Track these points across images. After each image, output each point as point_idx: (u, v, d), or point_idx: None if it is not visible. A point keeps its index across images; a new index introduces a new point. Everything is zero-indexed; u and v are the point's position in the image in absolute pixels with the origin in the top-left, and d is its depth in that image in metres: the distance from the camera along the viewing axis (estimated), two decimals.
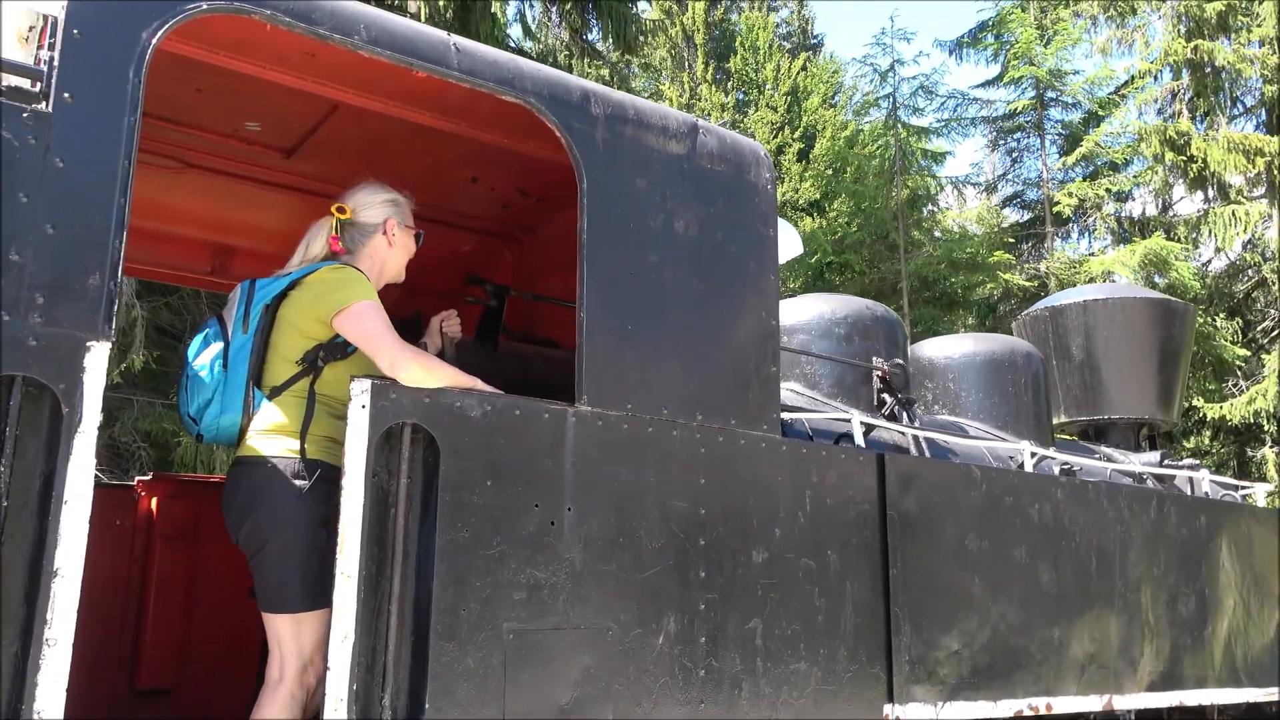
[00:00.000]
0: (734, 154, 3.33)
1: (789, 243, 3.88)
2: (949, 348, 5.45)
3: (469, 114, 3.60)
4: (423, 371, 2.70)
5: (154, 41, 2.49)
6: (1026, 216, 21.40)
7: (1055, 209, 18.80)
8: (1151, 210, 18.79)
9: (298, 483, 2.69)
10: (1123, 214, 19.09)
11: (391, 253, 3.13)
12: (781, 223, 3.42)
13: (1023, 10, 19.37)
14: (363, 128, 3.78)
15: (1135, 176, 18.38)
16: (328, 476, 2.71)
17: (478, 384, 2.76)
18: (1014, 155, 21.02)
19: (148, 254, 4.62)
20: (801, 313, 4.72)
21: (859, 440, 3.69)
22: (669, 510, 2.93)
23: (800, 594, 3.13)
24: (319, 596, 2.65)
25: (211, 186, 4.18)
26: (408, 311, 4.25)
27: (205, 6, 2.57)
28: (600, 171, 3.01)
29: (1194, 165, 16.58)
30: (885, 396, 4.60)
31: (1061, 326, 6.21)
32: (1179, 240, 17.03)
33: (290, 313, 2.88)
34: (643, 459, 2.91)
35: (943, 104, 20.76)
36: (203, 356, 2.89)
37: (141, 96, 2.41)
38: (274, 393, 2.83)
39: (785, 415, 3.53)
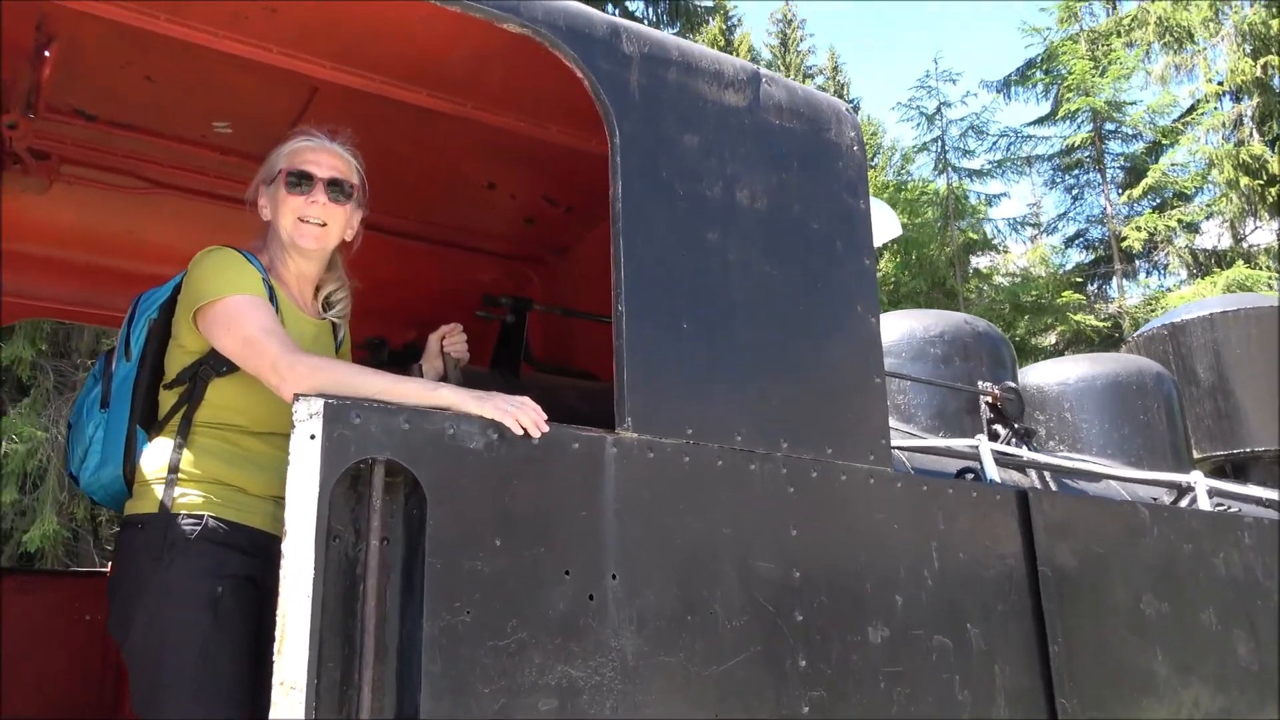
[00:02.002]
0: (808, 108, 2.58)
1: (885, 223, 3.11)
2: (1061, 372, 4.59)
3: (474, 88, 2.92)
4: (328, 382, 1.87)
5: None
6: (1090, 257, 20.36)
7: (1124, 244, 17.79)
8: (1226, 241, 17.71)
9: (168, 550, 1.95)
10: (1195, 246, 18.02)
11: (274, 218, 2.31)
12: (874, 200, 2.66)
13: (1073, 42, 18.62)
14: (352, 117, 3.11)
15: (1208, 205, 17.35)
16: (218, 537, 1.97)
17: (439, 395, 1.91)
18: (1074, 193, 20.07)
19: (125, 299, 4.00)
20: (888, 332, 3.92)
21: (992, 474, 2.86)
22: (751, 574, 2.12)
23: (936, 685, 2.28)
24: (213, 705, 1.92)
25: (186, 212, 3.53)
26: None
27: None
28: (637, 124, 2.28)
29: (1272, 189, 15.57)
30: (998, 428, 3.77)
31: (1184, 346, 5.31)
32: (1261, 268, 15.92)
33: (175, 323, 2.19)
34: (712, 503, 2.12)
35: (994, 144, 19.96)
36: (84, 400, 2.21)
37: None
38: (155, 431, 2.11)
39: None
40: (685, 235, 2.28)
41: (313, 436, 1.73)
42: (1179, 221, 17.33)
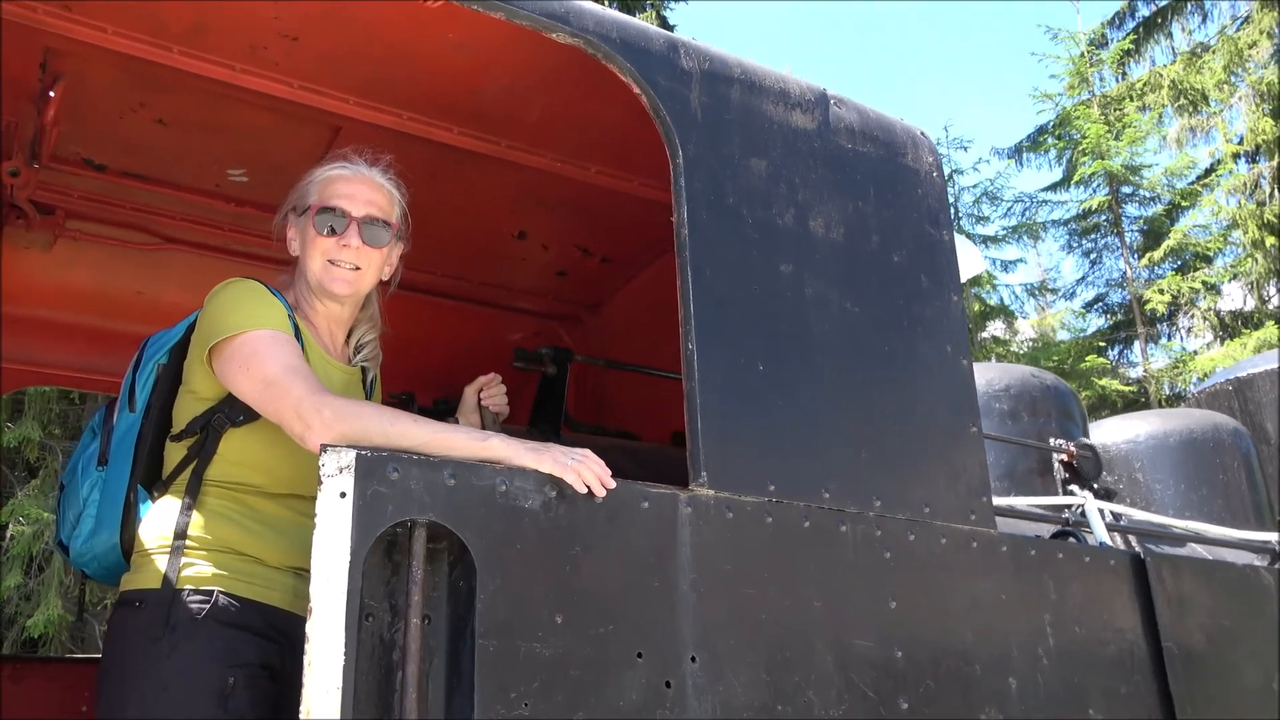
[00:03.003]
0: (882, 131, 2.36)
1: (968, 258, 2.85)
2: (1130, 429, 4.29)
3: (509, 124, 2.72)
4: (361, 430, 1.61)
5: None
6: (1109, 322, 20.04)
7: (1147, 307, 17.50)
8: (1251, 303, 17.40)
9: (170, 633, 1.66)
10: (1220, 309, 17.71)
11: (302, 256, 2.07)
12: (956, 236, 2.42)
13: (1086, 107, 18.59)
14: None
15: (1233, 266, 17.09)
16: (229, 617, 1.69)
17: (489, 446, 1.63)
18: (1091, 257, 19.84)
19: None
20: None
21: (1101, 535, 2.56)
22: (848, 654, 1.82)
23: None
24: None
25: (200, 269, 3.29)
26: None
27: None
28: (701, 146, 2.04)
29: None
30: (1073, 488, 3.47)
31: (1252, 401, 5.00)
32: None
33: (187, 366, 1.93)
34: (800, 571, 1.83)
35: (1009, 209, 19.81)
36: (79, 457, 1.95)
37: None
38: (159, 491, 1.84)
39: None
40: (756, 267, 2.03)
41: (343, 494, 1.46)
42: (1203, 283, 17.05)
